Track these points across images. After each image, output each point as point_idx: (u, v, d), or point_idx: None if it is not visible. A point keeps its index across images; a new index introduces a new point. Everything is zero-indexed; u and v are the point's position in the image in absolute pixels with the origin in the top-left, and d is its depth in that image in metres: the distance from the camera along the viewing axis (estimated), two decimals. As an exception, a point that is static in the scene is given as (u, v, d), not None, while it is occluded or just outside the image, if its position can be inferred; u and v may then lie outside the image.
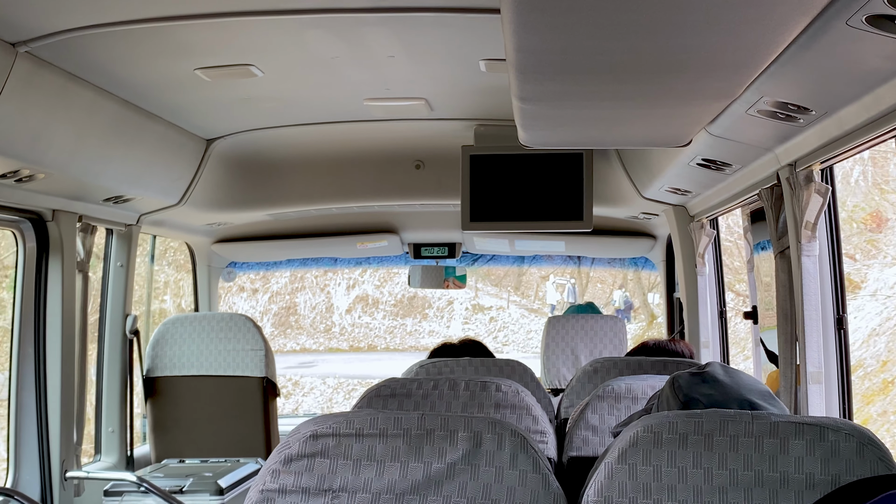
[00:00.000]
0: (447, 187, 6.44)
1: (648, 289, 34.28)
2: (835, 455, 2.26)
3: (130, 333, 6.28)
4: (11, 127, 3.94)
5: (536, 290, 43.58)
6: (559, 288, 40.06)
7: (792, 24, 2.44)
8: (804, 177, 4.07)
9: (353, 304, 39.84)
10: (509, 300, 43.07)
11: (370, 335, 39.84)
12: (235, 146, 6.01)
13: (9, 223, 5.07)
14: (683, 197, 6.09)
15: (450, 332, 40.51)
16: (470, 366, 4.61)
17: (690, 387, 2.77)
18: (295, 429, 2.47)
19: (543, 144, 4.35)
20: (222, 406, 6.55)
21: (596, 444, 3.82)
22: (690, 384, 2.78)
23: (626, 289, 37.55)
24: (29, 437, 5.17)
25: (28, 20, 3.51)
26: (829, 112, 3.54)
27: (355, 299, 40.09)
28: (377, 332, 40.14)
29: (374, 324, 40.33)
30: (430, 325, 41.39)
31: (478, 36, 3.93)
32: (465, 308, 42.28)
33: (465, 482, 2.35)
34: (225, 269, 8.29)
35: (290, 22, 3.73)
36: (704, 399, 2.71)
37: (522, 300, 43.12)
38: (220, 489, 5.20)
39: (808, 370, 4.12)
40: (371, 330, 40.09)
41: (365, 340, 38.90)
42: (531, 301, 43.27)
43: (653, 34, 2.55)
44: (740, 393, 2.74)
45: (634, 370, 4.55)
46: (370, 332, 39.93)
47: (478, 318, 41.90)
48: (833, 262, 4.33)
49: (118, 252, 6.19)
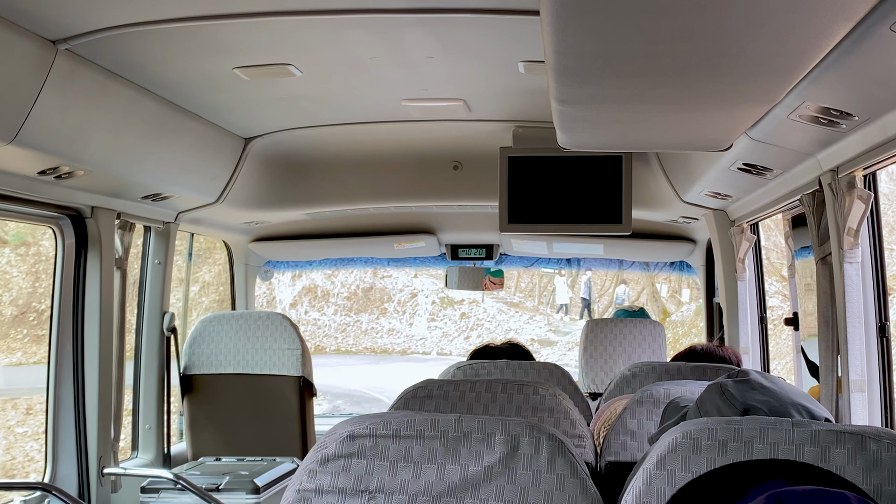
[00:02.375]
0: (485, 189, 6.43)
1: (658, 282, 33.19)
2: (877, 465, 2.24)
3: (168, 331, 6.30)
4: (51, 124, 3.96)
5: (517, 281, 39.76)
6: (570, 284, 37.20)
7: (835, 30, 2.41)
8: (846, 183, 4.03)
9: (300, 297, 36.71)
10: (484, 293, 37.93)
11: (318, 334, 36.02)
12: (273, 145, 6.02)
13: (48, 219, 5.10)
14: (724, 201, 6.05)
15: (413, 330, 37.65)
16: (508, 368, 4.60)
17: (744, 394, 2.73)
18: (332, 429, 2.47)
19: (582, 147, 4.33)
20: (258, 405, 6.57)
21: (634, 449, 3.80)
22: (743, 392, 2.74)
23: (629, 285, 36.44)
24: (67, 432, 5.20)
25: (68, 18, 3.53)
26: (871, 118, 3.50)
27: (302, 291, 36.72)
28: (326, 330, 36.46)
29: (323, 320, 36.62)
30: (389, 322, 37.64)
31: (516, 37, 3.92)
32: (431, 302, 38.32)
33: (501, 485, 2.34)
34: (262, 268, 8.31)
35: (328, 22, 3.74)
36: (763, 406, 2.67)
37: (500, 292, 37.14)
38: (256, 488, 5.20)
39: (851, 378, 4.08)
40: (319, 328, 36.31)
41: (312, 341, 34.42)
42: (510, 293, 39.51)
43: (694, 38, 2.52)
44: (794, 399, 2.71)
45: (673, 375, 4.53)
46: (318, 331, 36.14)
47: (446, 315, 38.14)
48: (875, 269, 4.28)
49: (156, 249, 6.22)
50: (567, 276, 37.44)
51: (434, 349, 36.69)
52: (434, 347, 36.96)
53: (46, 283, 19.43)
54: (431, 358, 34.72)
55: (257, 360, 6.57)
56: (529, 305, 40.23)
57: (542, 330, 37.78)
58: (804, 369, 5.27)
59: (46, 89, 3.78)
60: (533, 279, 40.61)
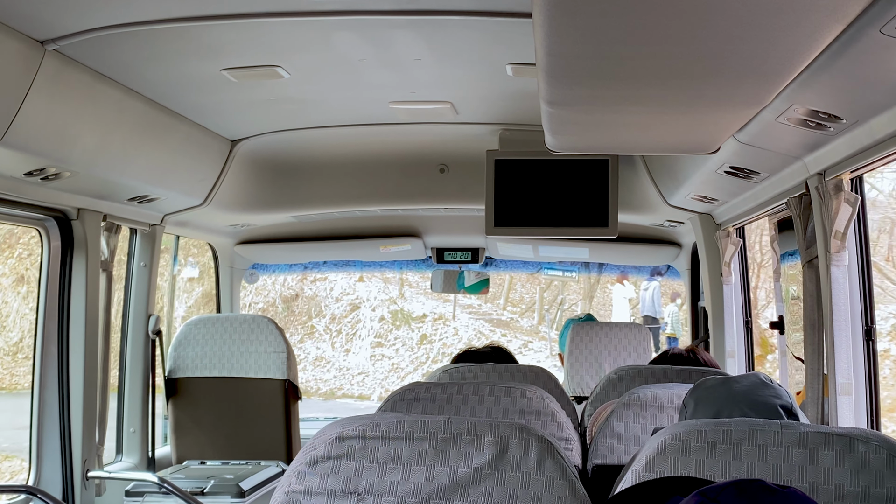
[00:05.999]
0: (471, 192, 6.43)
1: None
2: (864, 467, 2.24)
3: (153, 334, 6.28)
4: (38, 125, 3.95)
5: (507, 291, 28.50)
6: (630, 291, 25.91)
7: (825, 32, 2.42)
8: (833, 186, 4.04)
9: (194, 308, 24.56)
10: (457, 303, 26.58)
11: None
12: (260, 147, 6.02)
13: (34, 221, 5.08)
14: (710, 205, 6.06)
15: (349, 360, 26.13)
16: (494, 372, 4.60)
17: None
18: (321, 430, 2.46)
19: (571, 149, 4.34)
20: (244, 408, 6.56)
21: (621, 451, 3.80)
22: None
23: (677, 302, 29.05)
24: (51, 435, 5.19)
25: (56, 18, 3.52)
26: (859, 121, 3.51)
27: (200, 299, 24.69)
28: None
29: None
30: (317, 348, 26.32)
31: (505, 40, 3.92)
32: (378, 318, 26.71)
33: (491, 487, 2.34)
34: (247, 271, 8.30)
35: (317, 23, 3.73)
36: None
37: (481, 305, 27.20)
38: (241, 491, 5.20)
39: (838, 381, 4.09)
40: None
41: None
42: (498, 308, 27.97)
43: (684, 40, 2.53)
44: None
45: (659, 378, 4.53)
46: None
47: (400, 337, 26.34)
48: (862, 273, 4.29)
49: (142, 252, 6.20)
50: (631, 286, 26.17)
51: (377, 390, 25.20)
52: (377, 388, 25.36)
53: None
54: (371, 404, 23.13)
55: (242, 364, 6.55)
56: (525, 326, 28.71)
57: (546, 364, 22.77)
58: (789, 372, 5.30)
59: (34, 90, 3.76)
60: (533, 287, 29.40)
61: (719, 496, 1.78)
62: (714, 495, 1.79)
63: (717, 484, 1.83)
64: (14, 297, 24.20)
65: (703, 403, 2.91)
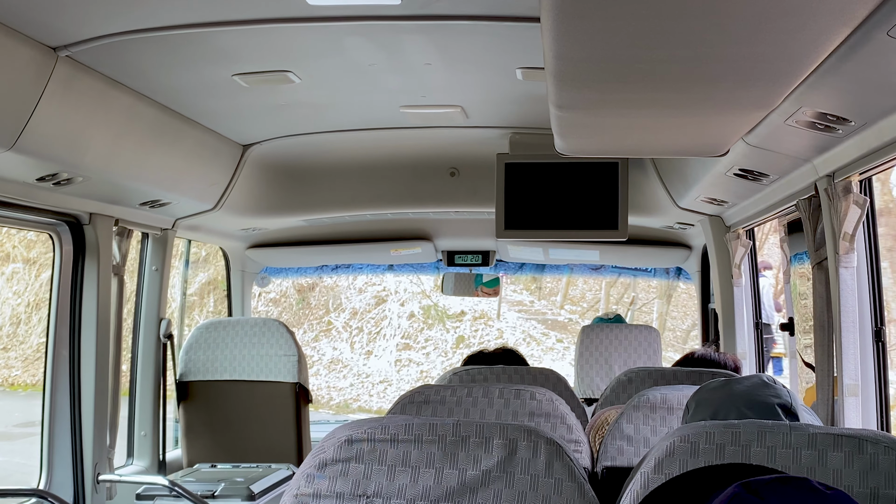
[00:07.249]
0: (482, 195, 6.44)
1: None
2: (873, 468, 2.24)
3: (164, 337, 6.30)
4: (51, 131, 3.96)
5: (567, 286, 22.83)
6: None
7: (833, 35, 2.42)
8: (842, 188, 4.04)
9: (198, 298, 19.98)
10: (503, 299, 21.44)
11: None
12: (271, 152, 6.03)
13: (46, 226, 5.10)
14: (720, 207, 6.06)
15: (370, 365, 21.92)
16: (504, 374, 4.61)
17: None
18: (330, 433, 2.47)
19: (580, 152, 4.34)
20: (254, 411, 6.57)
21: (631, 454, 3.80)
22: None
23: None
24: (62, 439, 5.20)
25: (69, 25, 3.54)
26: (868, 123, 3.51)
27: (204, 285, 20.43)
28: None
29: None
30: (333, 348, 22.29)
31: (514, 44, 3.93)
32: (408, 314, 21.96)
33: (499, 490, 2.34)
34: (259, 275, 8.31)
35: (328, 29, 3.74)
36: None
37: (533, 302, 22.42)
38: (251, 494, 5.20)
39: (846, 382, 4.09)
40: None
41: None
42: (554, 307, 22.73)
43: (693, 43, 2.53)
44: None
45: (669, 380, 4.53)
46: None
47: (432, 337, 21.69)
48: (871, 274, 4.29)
49: (153, 256, 6.22)
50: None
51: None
52: (401, 400, 20.02)
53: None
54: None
55: (253, 367, 6.56)
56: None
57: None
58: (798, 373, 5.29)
59: (46, 96, 3.78)
60: (597, 283, 23.17)
61: (761, 489, 1.76)
62: (756, 487, 1.77)
63: (761, 478, 1.81)
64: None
65: (703, 405, 2.92)
